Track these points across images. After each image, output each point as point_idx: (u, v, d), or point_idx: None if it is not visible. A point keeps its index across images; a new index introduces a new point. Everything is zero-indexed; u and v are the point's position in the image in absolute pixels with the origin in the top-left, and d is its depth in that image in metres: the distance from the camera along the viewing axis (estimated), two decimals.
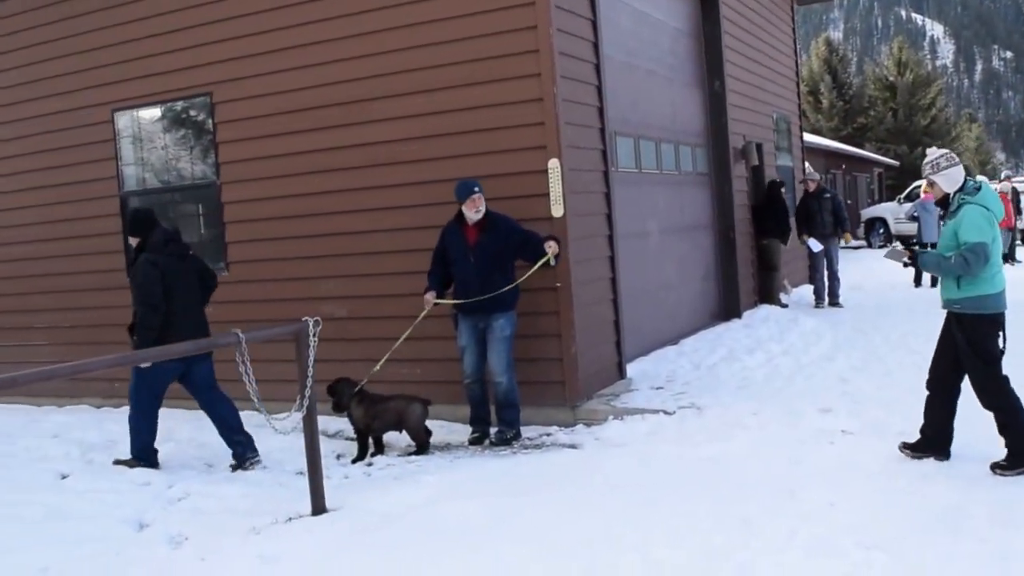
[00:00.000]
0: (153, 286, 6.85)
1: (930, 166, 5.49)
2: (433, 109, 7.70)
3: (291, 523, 5.18)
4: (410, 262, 7.75)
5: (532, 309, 7.31)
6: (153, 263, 6.91)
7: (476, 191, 7.02)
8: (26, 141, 9.90)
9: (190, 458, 7.15)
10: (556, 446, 6.77)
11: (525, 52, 7.30)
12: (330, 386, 7.04)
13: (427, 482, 5.67)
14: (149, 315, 6.85)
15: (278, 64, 8.34)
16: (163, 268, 6.91)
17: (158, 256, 6.97)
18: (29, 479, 6.72)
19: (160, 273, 6.88)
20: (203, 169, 9.02)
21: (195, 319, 7.12)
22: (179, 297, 6.98)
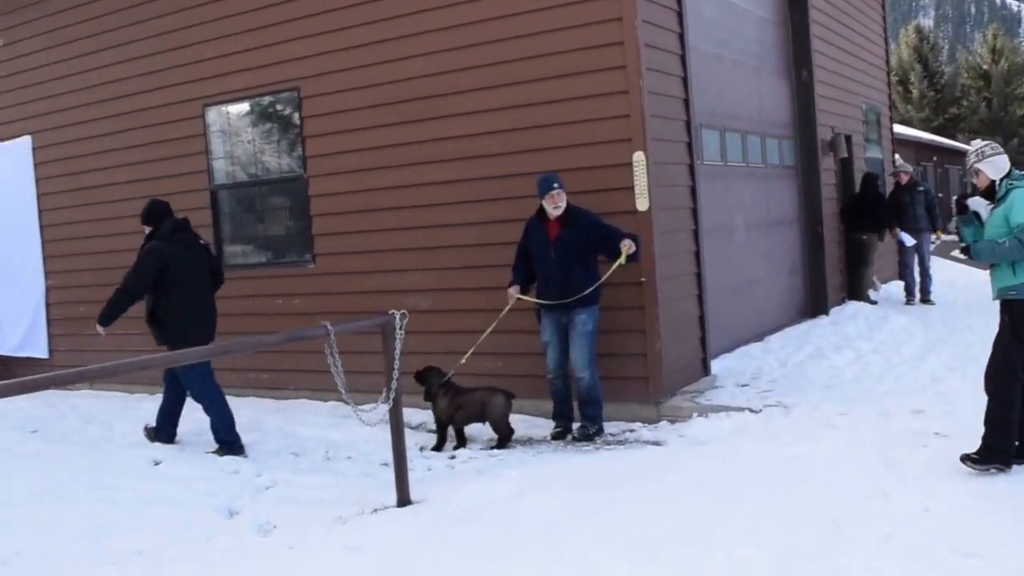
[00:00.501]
0: (145, 272, 7.15)
1: (975, 154, 5.45)
2: (516, 102, 7.68)
3: (376, 514, 5.23)
4: (493, 256, 7.76)
5: (616, 304, 7.25)
6: (158, 251, 7.17)
7: (555, 187, 6.98)
8: (123, 136, 10.17)
9: (277, 447, 7.28)
10: (639, 443, 6.71)
11: (610, 44, 7.24)
12: (419, 373, 7.11)
13: (510, 476, 5.66)
14: (123, 298, 7.22)
15: (364, 59, 8.41)
16: (168, 256, 7.16)
17: (164, 244, 7.21)
18: (125, 464, 6.92)
19: (163, 261, 7.13)
20: (290, 163, 9.16)
21: (205, 306, 7.41)
22: (187, 284, 7.23)
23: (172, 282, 7.16)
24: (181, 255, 7.24)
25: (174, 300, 7.18)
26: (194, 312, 7.26)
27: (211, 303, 7.53)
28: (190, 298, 7.24)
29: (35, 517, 5.66)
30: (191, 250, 7.39)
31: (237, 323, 9.43)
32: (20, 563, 4.88)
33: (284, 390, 9.24)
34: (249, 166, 9.49)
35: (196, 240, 7.54)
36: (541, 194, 7.03)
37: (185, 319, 7.18)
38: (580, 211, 7.05)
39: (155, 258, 7.16)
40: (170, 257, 7.17)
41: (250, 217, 9.65)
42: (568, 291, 6.97)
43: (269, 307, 9.29)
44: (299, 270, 9.14)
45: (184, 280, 7.22)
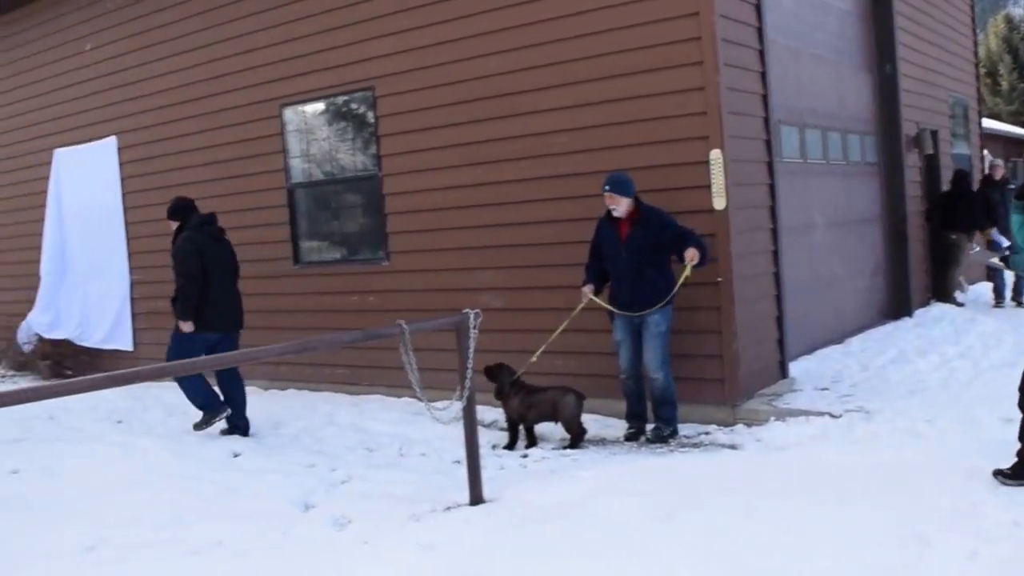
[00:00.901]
0: (191, 258, 7.59)
1: None
2: (590, 100, 7.61)
3: (449, 512, 5.22)
4: (566, 254, 7.71)
5: (691, 304, 7.14)
6: (192, 240, 7.67)
7: (606, 189, 6.92)
8: (204, 135, 10.36)
9: (352, 442, 7.34)
10: (715, 446, 6.60)
11: (686, 40, 7.13)
12: (489, 369, 7.08)
13: (583, 477, 5.60)
14: (188, 285, 7.59)
15: (438, 57, 8.43)
16: (200, 246, 7.66)
17: (195, 234, 7.72)
18: (205, 456, 7.05)
19: (198, 249, 7.62)
20: (365, 161, 9.22)
21: (229, 295, 7.92)
22: (215, 274, 7.71)
23: (202, 271, 7.62)
24: (210, 246, 7.77)
25: (206, 288, 7.64)
26: (220, 300, 7.75)
27: (236, 292, 8.06)
28: (217, 287, 7.71)
29: (120, 505, 5.77)
30: (218, 242, 7.91)
31: (313, 319, 9.57)
32: (106, 550, 4.99)
33: (359, 385, 9.32)
34: (325, 165, 9.59)
35: (222, 233, 8.03)
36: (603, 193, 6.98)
37: (212, 306, 7.66)
38: (652, 210, 6.95)
39: (192, 245, 7.65)
40: (201, 246, 7.68)
41: (326, 215, 9.75)
42: (640, 292, 6.88)
43: (344, 304, 9.37)
44: (374, 267, 9.20)
45: (211, 270, 7.69)
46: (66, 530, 5.31)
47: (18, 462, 7.02)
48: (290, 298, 9.85)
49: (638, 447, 6.78)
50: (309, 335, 9.44)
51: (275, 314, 9.94)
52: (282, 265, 9.90)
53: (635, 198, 6.96)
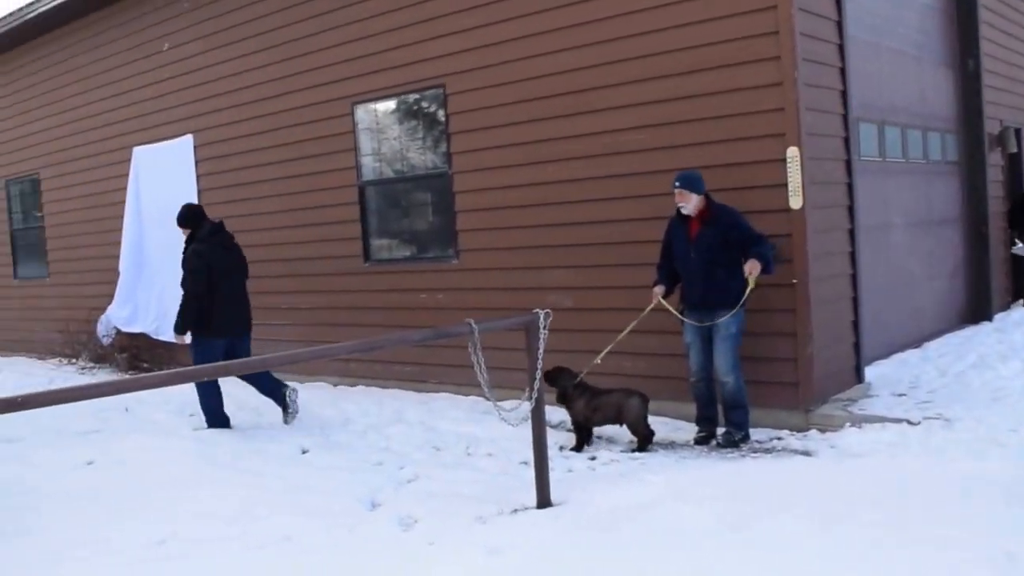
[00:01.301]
0: (198, 275, 7.87)
1: None
2: (664, 96, 7.50)
3: (516, 515, 5.17)
4: (637, 253, 7.61)
5: (765, 306, 6.99)
6: (200, 254, 7.95)
7: (676, 185, 6.78)
8: (276, 134, 10.47)
9: (419, 441, 7.33)
10: (788, 452, 6.44)
11: (763, 34, 6.97)
12: (548, 374, 7.01)
13: (652, 481, 5.50)
14: (190, 303, 7.91)
15: (509, 54, 8.38)
16: (209, 257, 7.93)
17: (204, 246, 7.99)
18: (273, 452, 7.11)
19: (206, 262, 7.90)
20: (435, 159, 9.22)
21: (239, 301, 8.17)
22: (224, 283, 7.97)
23: (212, 280, 7.90)
24: (219, 255, 8.04)
25: (215, 297, 7.91)
26: (230, 307, 8.05)
27: (246, 297, 8.31)
28: (227, 295, 8.00)
29: (190, 499, 5.84)
30: (227, 250, 8.20)
31: (382, 316, 9.61)
32: (176, 543, 5.05)
33: (427, 383, 9.33)
34: (395, 162, 9.61)
35: (231, 240, 8.31)
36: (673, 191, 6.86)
37: (222, 314, 7.96)
38: (723, 209, 6.81)
39: (201, 260, 7.92)
40: (210, 258, 7.95)
41: (396, 213, 9.78)
42: (710, 292, 6.75)
43: (413, 301, 9.39)
44: (443, 265, 9.20)
45: (221, 279, 7.97)
46: (138, 523, 5.39)
47: (93, 453, 7.16)
48: (360, 295, 9.90)
49: (708, 451, 6.65)
50: (378, 332, 9.49)
51: (345, 311, 10.02)
52: (352, 263, 9.95)
53: (706, 196, 6.83)
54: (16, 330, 15.09)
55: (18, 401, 3.36)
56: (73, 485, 6.44)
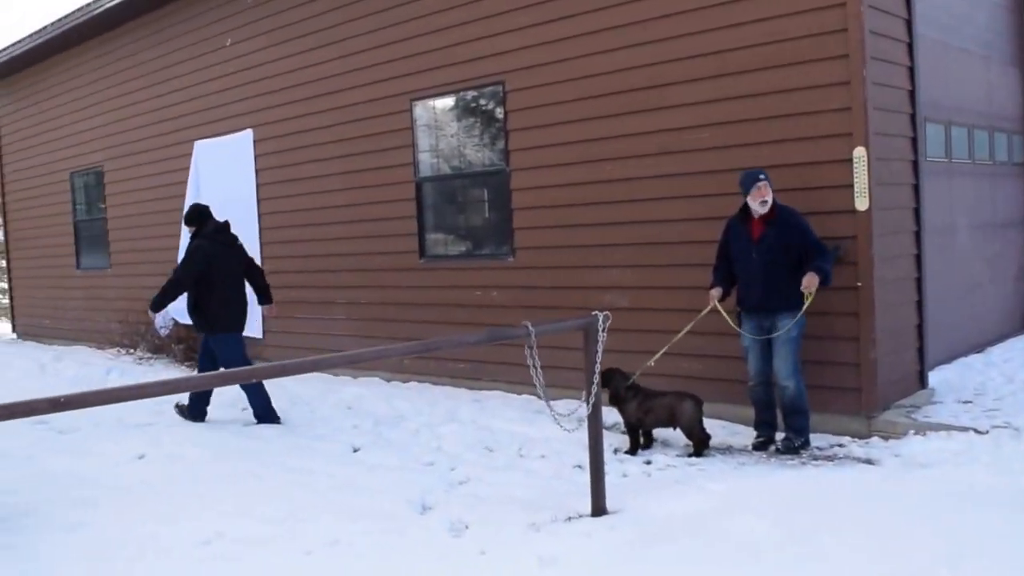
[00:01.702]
0: (193, 266, 8.08)
1: None
2: (727, 95, 7.36)
3: (570, 523, 5.07)
4: (697, 254, 7.48)
5: (826, 309, 6.83)
6: (202, 249, 8.12)
7: (762, 179, 6.60)
8: (335, 129, 10.50)
9: (472, 440, 7.25)
10: (850, 460, 6.27)
11: (831, 32, 6.80)
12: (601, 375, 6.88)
13: (711, 489, 5.39)
14: (174, 286, 8.10)
15: (570, 51, 8.30)
16: (211, 254, 8.12)
17: (207, 243, 8.17)
18: (324, 449, 7.10)
19: (207, 260, 8.09)
20: (493, 156, 9.17)
21: (239, 299, 8.40)
22: (226, 278, 8.21)
23: (214, 277, 8.11)
24: (221, 254, 8.23)
25: (216, 293, 8.13)
26: (233, 304, 8.30)
27: (244, 295, 8.52)
28: (228, 291, 8.23)
29: (238, 496, 5.86)
30: (230, 249, 8.38)
31: (437, 313, 9.59)
32: (221, 544, 5.04)
33: (480, 381, 9.30)
34: (453, 159, 9.58)
35: (235, 240, 8.49)
36: (745, 190, 6.67)
37: (225, 309, 8.21)
38: (787, 210, 6.65)
39: (202, 254, 8.12)
40: (212, 255, 8.14)
41: (452, 209, 9.75)
42: (771, 295, 6.60)
43: (468, 299, 9.36)
44: (498, 263, 9.15)
45: (223, 276, 8.19)
46: (184, 520, 5.39)
47: (146, 447, 7.24)
48: (415, 291, 9.89)
49: (767, 457, 6.50)
50: (432, 329, 9.50)
51: (400, 307, 10.03)
52: (408, 259, 9.95)
53: None
54: (79, 320, 15.37)
55: (61, 401, 3.38)
56: (125, 479, 6.50)
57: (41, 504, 5.98)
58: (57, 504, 5.97)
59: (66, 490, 6.29)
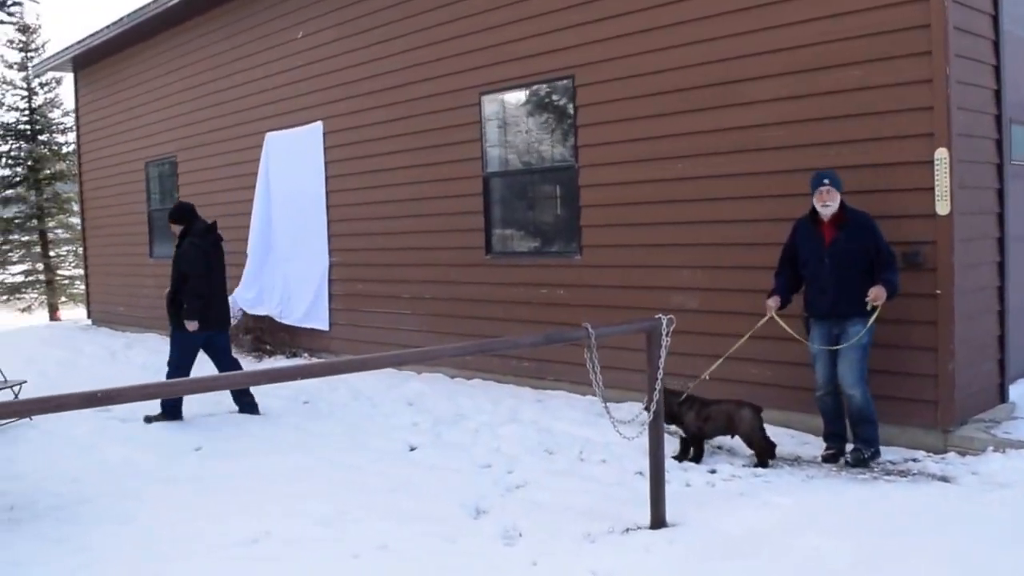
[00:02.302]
0: (199, 262, 8.35)
1: None
2: (803, 92, 7.10)
3: (628, 535, 4.90)
4: (768, 256, 7.21)
5: (902, 317, 6.56)
6: (197, 247, 8.40)
7: (825, 182, 6.36)
8: (404, 122, 10.45)
9: (532, 442, 7.11)
10: (924, 476, 5.99)
11: (913, 27, 6.50)
12: None
13: (777, 504, 5.18)
14: (200, 283, 8.28)
15: (640, 46, 8.11)
16: (206, 253, 8.43)
17: (200, 241, 8.45)
18: (380, 448, 7.04)
19: (205, 254, 8.41)
20: (562, 152, 9.02)
21: (224, 296, 8.73)
22: (215, 277, 8.50)
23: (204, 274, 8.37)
24: (211, 252, 8.53)
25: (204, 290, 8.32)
26: (219, 301, 8.57)
27: (227, 295, 8.91)
28: (215, 289, 8.49)
29: (288, 495, 5.82)
30: (217, 248, 8.64)
31: (501, 310, 9.49)
32: (267, 544, 5.00)
33: (544, 380, 9.16)
34: (521, 154, 9.45)
35: (220, 239, 8.73)
36: (812, 191, 6.45)
37: (214, 308, 8.45)
38: (859, 214, 6.39)
39: (199, 254, 8.40)
40: (206, 253, 8.45)
41: (519, 205, 9.62)
42: (842, 302, 6.33)
43: (534, 296, 9.23)
44: (565, 261, 9.00)
45: (212, 273, 8.46)
46: (233, 518, 5.37)
47: (203, 439, 7.27)
48: (480, 288, 9.79)
49: (837, 470, 6.24)
50: (497, 326, 9.40)
51: (465, 303, 9.94)
52: (474, 254, 9.85)
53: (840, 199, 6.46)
54: (151, 307, 15.56)
55: (97, 396, 3.34)
56: (179, 471, 6.53)
57: (97, 494, 6.06)
58: (112, 495, 6.03)
59: (121, 480, 6.35)
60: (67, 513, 5.73)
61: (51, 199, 24.96)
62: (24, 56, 25.31)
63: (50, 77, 24.50)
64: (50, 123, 25.09)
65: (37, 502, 6.01)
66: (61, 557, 4.99)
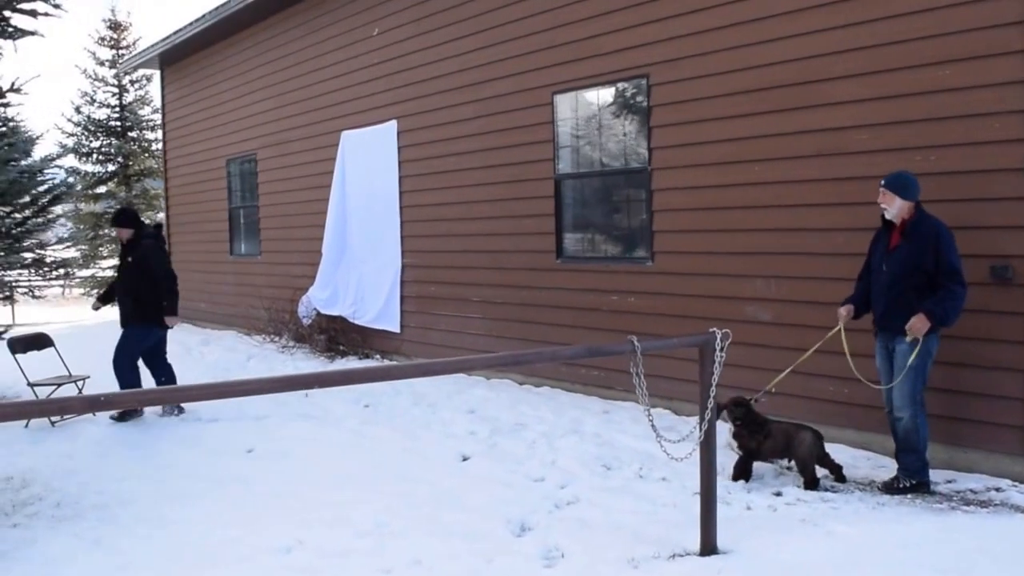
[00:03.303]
0: (166, 259, 9.00)
1: None
2: (890, 92, 6.63)
3: (673, 561, 4.58)
4: (849, 268, 6.79)
5: (988, 335, 6.07)
6: (159, 246, 8.99)
7: (882, 184, 5.96)
8: (477, 122, 10.26)
9: (590, 456, 6.80)
10: (1006, 507, 5.49)
11: (1008, 24, 5.99)
12: (730, 405, 6.32)
13: (840, 533, 4.79)
14: (173, 280, 8.89)
15: (718, 43, 7.74)
16: (164, 250, 9.10)
17: (158, 241, 9.01)
18: (433, 456, 6.84)
19: (165, 252, 9.07)
20: (635, 154, 8.70)
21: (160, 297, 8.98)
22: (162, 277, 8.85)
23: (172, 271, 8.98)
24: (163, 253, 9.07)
25: (155, 290, 8.73)
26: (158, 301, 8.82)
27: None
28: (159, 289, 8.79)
29: (331, 503, 5.67)
30: (163, 251, 9.16)
31: (571, 316, 9.21)
32: (299, 554, 4.86)
33: (612, 390, 8.85)
34: (593, 156, 9.16)
35: (164, 243, 9.33)
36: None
37: (157, 306, 8.79)
38: (929, 223, 5.85)
39: (164, 253, 9.02)
40: (166, 252, 9.14)
41: (591, 209, 9.31)
42: (892, 313, 5.91)
43: (603, 303, 8.93)
44: (636, 267, 8.66)
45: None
46: (272, 524, 5.26)
47: (256, 441, 7.17)
48: (550, 293, 9.53)
49: (912, 498, 5.77)
50: (566, 333, 9.14)
51: (535, 308, 9.69)
52: (545, 259, 9.59)
53: (916, 205, 5.97)
54: (230, 305, 15.76)
55: (100, 400, 3.21)
56: (227, 473, 6.45)
57: (141, 494, 6.02)
58: (155, 496, 5.98)
59: (167, 481, 6.30)
60: (108, 513, 5.69)
61: (140, 195, 25.53)
62: (115, 53, 25.98)
63: (140, 74, 25.10)
64: (140, 120, 25.67)
65: (81, 500, 6.00)
66: (94, 559, 4.97)
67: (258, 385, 3.80)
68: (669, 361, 7.91)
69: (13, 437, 7.62)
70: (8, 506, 5.94)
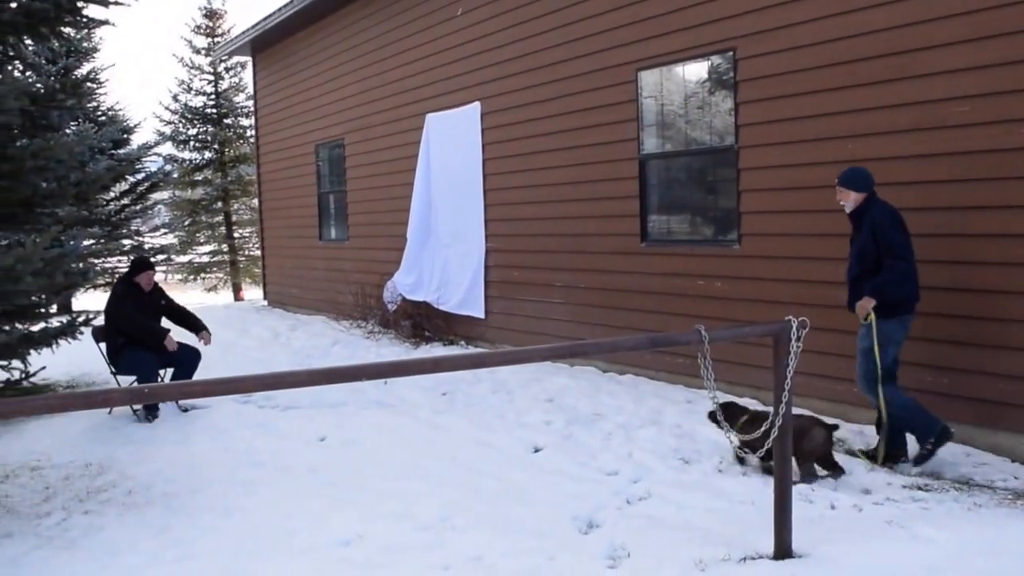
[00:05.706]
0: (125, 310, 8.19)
1: None
2: (995, 60, 6.12)
3: (743, 565, 4.27)
4: (951, 249, 6.36)
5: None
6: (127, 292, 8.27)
7: (836, 183, 6.21)
8: (560, 102, 9.98)
9: (668, 449, 6.50)
10: None
11: None
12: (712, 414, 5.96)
13: (928, 538, 4.41)
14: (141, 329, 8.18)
15: (810, 12, 7.30)
16: None
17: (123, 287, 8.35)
18: (504, 448, 6.65)
19: None
20: (721, 132, 8.30)
21: None
22: None
23: None
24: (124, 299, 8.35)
25: None
26: None
27: None
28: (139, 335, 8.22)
29: (396, 494, 5.54)
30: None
31: (655, 301, 8.91)
32: (358, 548, 4.73)
33: (698, 377, 8.40)
34: (678, 134, 8.79)
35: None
36: None
37: None
38: (876, 209, 6.01)
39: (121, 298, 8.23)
40: None
41: (676, 190, 8.95)
42: (851, 300, 6.10)
43: (689, 288, 8.58)
44: (723, 250, 8.28)
45: None
46: (334, 516, 5.16)
47: (329, 429, 7.09)
48: (634, 277, 9.21)
49: (1013, 499, 5.28)
50: (651, 319, 8.84)
51: (618, 293, 9.40)
52: (629, 242, 9.27)
53: (868, 196, 6.12)
54: (320, 291, 15.85)
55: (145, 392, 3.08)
56: (297, 461, 6.38)
57: (211, 482, 6.02)
58: (225, 483, 5.96)
59: (239, 469, 6.27)
60: (177, 502, 5.68)
61: (235, 181, 26.03)
62: (211, 41, 26.49)
63: (234, 62, 25.54)
64: (234, 107, 26.15)
65: (153, 488, 6.01)
66: (157, 547, 4.94)
67: (305, 377, 3.76)
68: (755, 349, 7.54)
69: (97, 423, 7.73)
70: (83, 492, 5.99)
